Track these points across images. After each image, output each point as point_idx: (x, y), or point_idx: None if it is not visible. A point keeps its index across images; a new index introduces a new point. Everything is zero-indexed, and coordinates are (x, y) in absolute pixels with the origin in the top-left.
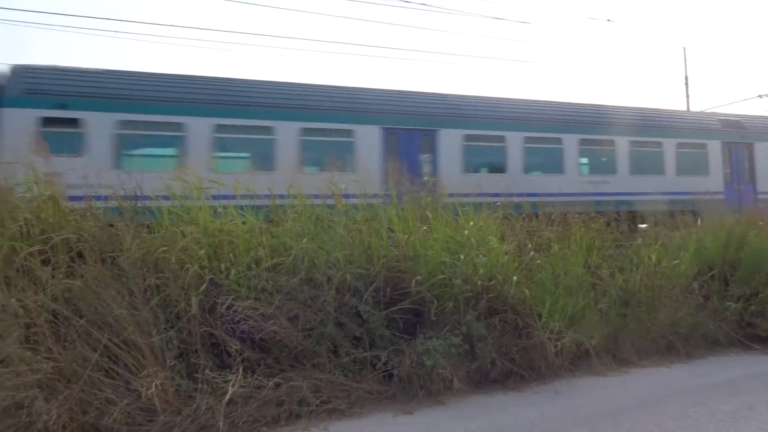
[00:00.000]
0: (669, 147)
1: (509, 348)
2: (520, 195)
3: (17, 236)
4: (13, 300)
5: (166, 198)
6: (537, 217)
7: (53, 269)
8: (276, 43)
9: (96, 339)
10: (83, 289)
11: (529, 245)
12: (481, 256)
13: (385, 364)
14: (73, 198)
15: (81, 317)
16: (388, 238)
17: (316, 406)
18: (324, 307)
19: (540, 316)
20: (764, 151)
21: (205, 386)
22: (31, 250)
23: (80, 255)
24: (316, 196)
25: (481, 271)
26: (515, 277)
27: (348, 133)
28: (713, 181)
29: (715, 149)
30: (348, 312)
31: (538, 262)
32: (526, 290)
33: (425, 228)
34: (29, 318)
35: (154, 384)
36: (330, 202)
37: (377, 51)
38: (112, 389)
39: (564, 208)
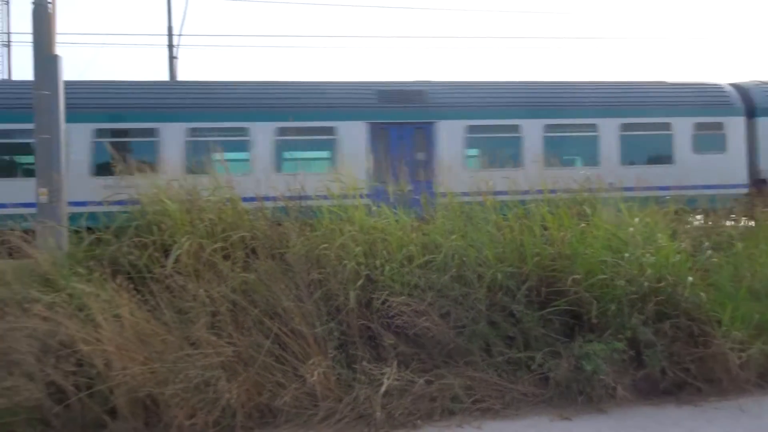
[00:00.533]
0: None
1: (682, 357)
2: (693, 187)
3: (204, 234)
4: (201, 290)
5: (325, 198)
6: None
7: (232, 264)
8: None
9: (268, 327)
10: (257, 282)
11: (706, 243)
12: (648, 255)
13: (540, 366)
14: (246, 200)
15: (255, 307)
16: (541, 236)
17: (470, 404)
18: (475, 305)
19: (719, 322)
20: None
21: (363, 377)
22: (214, 246)
23: (254, 251)
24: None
25: (649, 271)
26: (690, 279)
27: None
28: None
29: None
30: (500, 311)
31: (715, 260)
32: (702, 293)
33: (583, 225)
34: (214, 306)
35: (317, 372)
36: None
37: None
38: (282, 374)
39: None
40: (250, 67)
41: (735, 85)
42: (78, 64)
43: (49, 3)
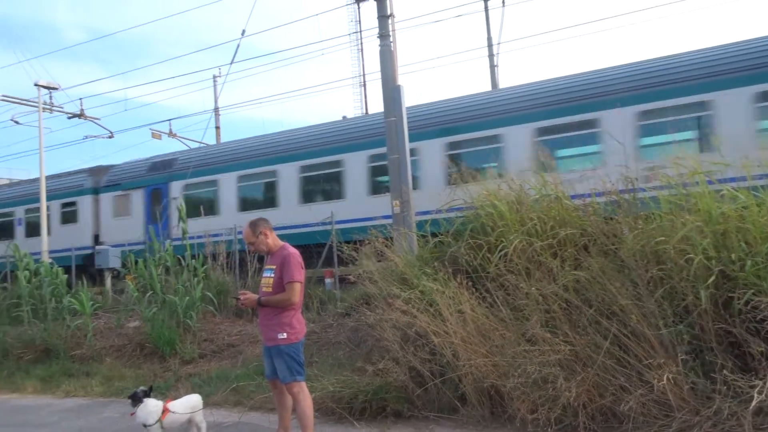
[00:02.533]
0: None
1: None
2: None
3: (531, 232)
4: (533, 288)
5: (661, 188)
6: None
7: (562, 261)
8: None
9: (605, 328)
10: (590, 281)
11: None
12: None
13: None
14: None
15: (590, 306)
16: None
17: None
18: None
19: None
20: None
21: (725, 389)
22: (542, 244)
23: (585, 248)
24: None
25: None
26: None
27: None
28: None
29: None
30: None
31: None
32: None
33: None
34: (546, 304)
35: (665, 377)
36: None
37: None
38: (625, 377)
39: None
40: (576, 59)
41: None
42: (415, 89)
43: (391, 42)
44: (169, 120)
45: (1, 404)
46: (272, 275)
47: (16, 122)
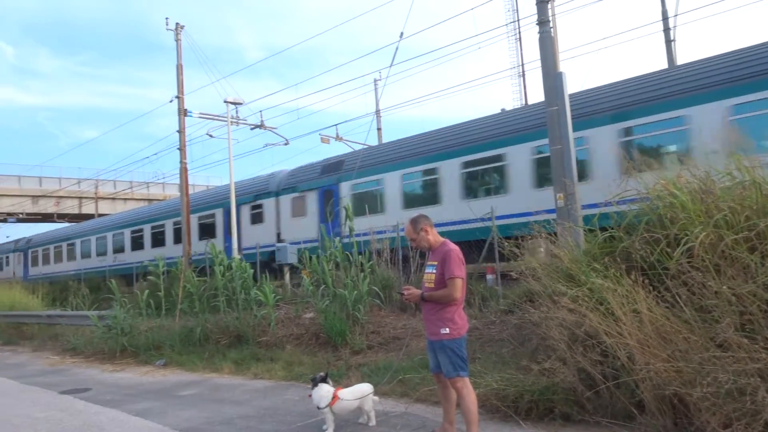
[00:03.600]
0: None
1: None
2: None
3: (720, 224)
4: (724, 287)
5: None
6: None
7: (762, 257)
8: None
9: None
10: None
11: None
12: None
13: None
14: None
15: None
16: None
17: None
18: None
19: None
20: None
21: None
22: (735, 237)
23: None
24: None
25: None
26: None
27: None
28: None
29: None
30: None
31: None
32: None
33: None
34: (741, 305)
35: None
36: None
37: None
38: None
39: None
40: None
41: None
42: (578, 75)
43: (551, 28)
44: (336, 125)
45: (205, 381)
46: (434, 271)
47: (211, 136)
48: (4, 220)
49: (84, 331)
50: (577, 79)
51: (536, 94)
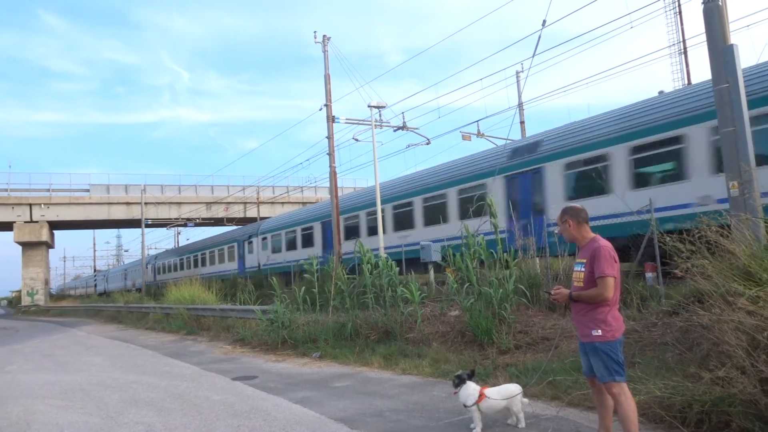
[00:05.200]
0: None
1: None
2: None
3: None
4: None
5: None
6: None
7: None
8: None
9: None
10: None
11: None
12: None
13: None
14: None
15: None
16: None
17: None
18: None
19: None
20: None
21: None
22: None
23: None
24: None
25: None
26: None
27: None
28: None
29: None
30: None
31: None
32: None
33: None
34: None
35: None
36: None
37: None
38: None
39: None
40: None
41: None
42: (752, 47)
43: None
44: (477, 121)
45: (356, 374)
46: (582, 269)
47: (356, 140)
48: (185, 225)
49: (250, 323)
50: (751, 52)
51: (701, 73)
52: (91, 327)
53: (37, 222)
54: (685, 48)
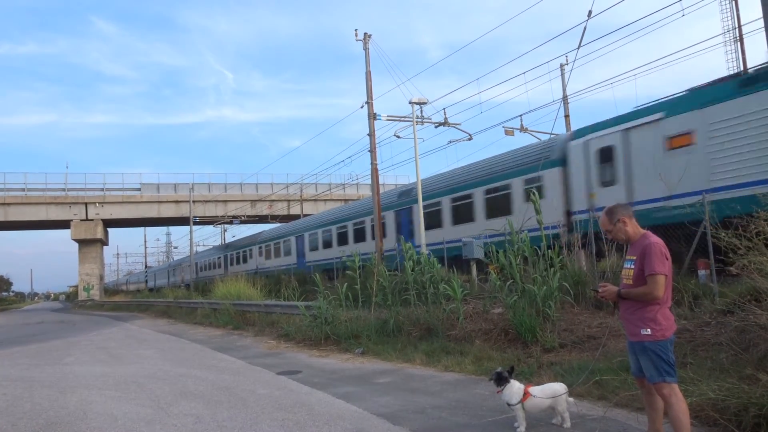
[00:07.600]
0: None
1: None
2: None
3: None
4: None
5: None
6: None
7: None
8: None
9: None
10: None
11: None
12: None
13: None
14: None
15: None
16: None
17: None
18: None
19: None
20: None
21: None
22: None
23: None
24: None
25: None
26: None
27: None
28: None
29: None
30: None
31: None
32: None
33: None
34: None
35: None
36: None
37: None
38: None
39: None
40: None
41: None
42: None
43: None
44: (520, 115)
45: (399, 371)
46: (632, 267)
47: (398, 137)
48: (230, 222)
49: (294, 319)
50: None
51: (757, 60)
52: (143, 321)
53: (92, 220)
54: (741, 35)
